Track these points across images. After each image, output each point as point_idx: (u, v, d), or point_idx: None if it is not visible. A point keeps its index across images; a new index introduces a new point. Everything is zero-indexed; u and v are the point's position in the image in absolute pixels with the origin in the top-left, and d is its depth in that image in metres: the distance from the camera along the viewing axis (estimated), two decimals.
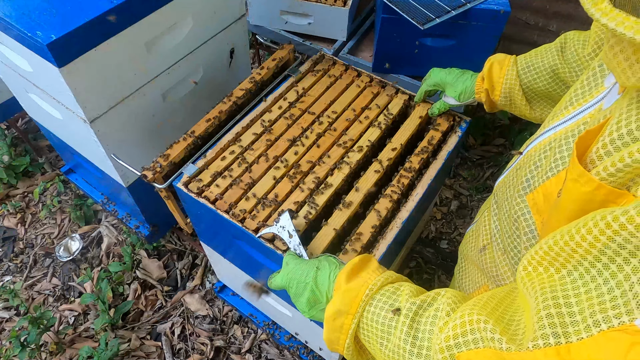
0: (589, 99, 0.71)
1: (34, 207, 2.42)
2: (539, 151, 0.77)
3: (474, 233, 1.08)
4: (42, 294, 2.12)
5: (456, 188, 2.43)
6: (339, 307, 0.73)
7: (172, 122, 1.64)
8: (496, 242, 0.92)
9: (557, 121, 0.77)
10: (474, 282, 1.02)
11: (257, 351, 1.92)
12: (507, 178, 0.89)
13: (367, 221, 1.09)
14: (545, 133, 0.79)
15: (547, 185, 0.70)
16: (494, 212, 0.95)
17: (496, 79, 1.09)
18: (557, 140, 0.72)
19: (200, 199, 1.13)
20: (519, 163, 0.85)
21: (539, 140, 0.80)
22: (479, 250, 0.99)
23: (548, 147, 0.75)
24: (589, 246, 0.47)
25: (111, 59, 1.27)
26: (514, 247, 0.83)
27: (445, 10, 1.49)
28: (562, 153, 0.69)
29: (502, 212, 0.89)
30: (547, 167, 0.71)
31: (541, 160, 0.75)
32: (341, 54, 1.91)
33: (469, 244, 1.08)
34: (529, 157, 0.81)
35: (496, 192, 0.96)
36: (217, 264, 1.64)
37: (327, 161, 1.20)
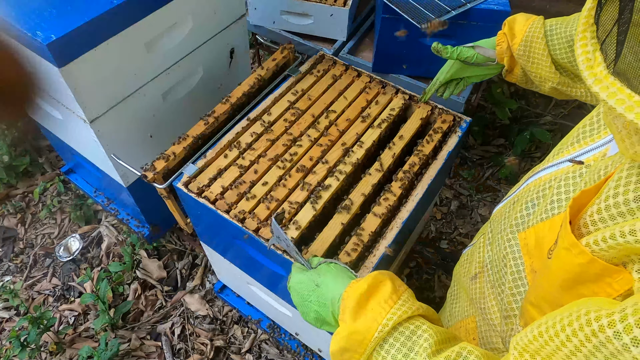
0: (596, 138, 0.66)
1: (34, 207, 2.42)
2: (537, 187, 0.73)
3: (468, 257, 1.03)
4: (42, 294, 2.12)
5: (456, 188, 2.43)
6: (345, 345, 0.67)
7: (172, 122, 1.64)
8: (487, 274, 0.88)
9: (561, 157, 0.72)
10: (463, 311, 0.98)
11: (257, 351, 1.91)
12: (504, 209, 0.84)
13: (368, 221, 1.09)
14: (547, 169, 0.74)
15: (540, 228, 0.66)
16: (488, 241, 0.90)
17: (519, 27, 1.03)
18: (557, 180, 0.67)
19: (200, 199, 1.13)
20: (517, 195, 0.81)
21: (539, 175, 0.75)
22: (470, 277, 0.95)
23: (547, 185, 0.71)
24: (574, 348, 0.44)
25: (111, 59, 1.27)
26: (501, 284, 0.78)
27: (445, 10, 1.49)
28: (559, 195, 0.65)
29: (495, 244, 0.83)
30: (543, 207, 0.67)
31: (539, 198, 0.71)
32: (341, 54, 1.91)
33: (462, 268, 1.03)
34: (527, 191, 0.76)
35: (492, 221, 0.91)
36: (217, 264, 1.64)
37: (328, 161, 1.20)
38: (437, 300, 2.02)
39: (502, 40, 1.07)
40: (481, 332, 0.88)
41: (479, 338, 0.89)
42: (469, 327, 0.93)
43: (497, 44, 1.08)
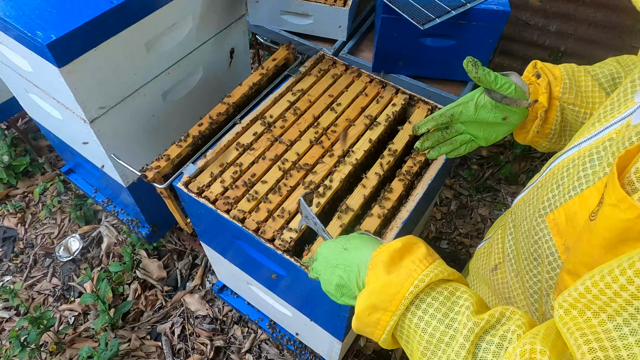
0: (617, 114, 0.65)
1: (34, 207, 2.42)
2: (561, 169, 0.71)
3: (485, 250, 1.01)
4: (42, 294, 2.12)
5: (456, 188, 2.43)
6: (375, 302, 0.64)
7: (172, 122, 1.64)
8: (509, 263, 0.86)
9: (582, 138, 0.70)
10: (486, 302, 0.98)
11: (257, 351, 1.91)
12: (527, 196, 0.82)
13: (367, 222, 1.09)
14: (569, 150, 0.72)
15: (570, 205, 0.64)
16: (510, 232, 0.88)
17: (550, 66, 0.89)
18: (581, 158, 0.66)
19: (200, 199, 1.13)
20: (541, 181, 0.78)
21: (562, 157, 0.73)
22: (490, 269, 0.93)
23: (571, 164, 0.69)
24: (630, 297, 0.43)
25: (111, 59, 1.27)
26: (531, 271, 0.77)
27: (445, 10, 1.49)
28: (585, 171, 0.63)
29: (520, 233, 0.81)
30: (570, 185, 0.66)
31: (563, 178, 0.69)
32: (341, 54, 1.91)
33: (480, 261, 1.02)
34: (551, 175, 0.74)
35: (514, 210, 0.88)
36: (217, 264, 1.64)
37: (328, 161, 1.20)
38: None
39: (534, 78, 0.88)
40: None
41: None
42: None
43: (530, 81, 0.89)
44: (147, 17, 1.29)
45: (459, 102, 0.90)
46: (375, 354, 1.89)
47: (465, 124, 0.92)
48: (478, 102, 0.88)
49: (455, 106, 0.90)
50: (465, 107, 0.89)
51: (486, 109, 0.88)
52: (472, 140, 0.95)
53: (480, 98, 0.88)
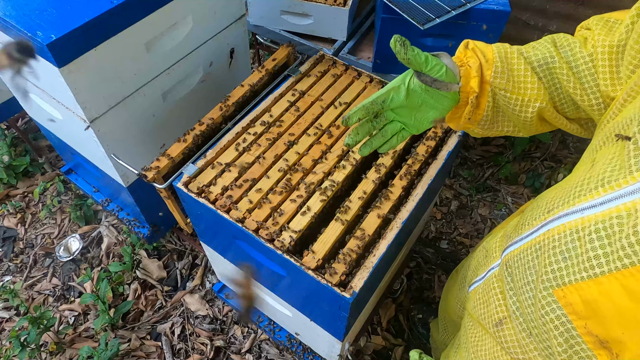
0: (623, 184, 0.59)
1: (34, 207, 2.42)
2: (564, 238, 0.66)
3: (481, 297, 0.96)
4: (42, 294, 2.12)
5: (456, 188, 2.43)
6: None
7: (172, 122, 1.64)
8: (517, 321, 0.81)
9: (584, 202, 0.65)
10: (492, 356, 0.91)
11: (257, 351, 1.92)
12: (524, 255, 0.77)
13: (367, 221, 1.09)
14: (571, 215, 0.67)
15: (584, 288, 0.61)
16: (509, 286, 0.83)
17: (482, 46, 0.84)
18: (587, 232, 0.62)
19: (200, 199, 1.13)
20: (538, 242, 0.73)
21: (562, 221, 0.68)
22: (494, 323, 0.88)
23: (576, 236, 0.64)
24: None
25: (111, 59, 1.27)
26: (543, 341, 0.73)
27: (445, 10, 1.49)
28: (595, 251, 0.59)
29: (522, 296, 0.77)
30: (580, 264, 0.62)
31: (570, 251, 0.64)
32: (341, 54, 1.91)
33: (478, 309, 0.96)
34: (551, 239, 0.69)
35: (509, 265, 0.83)
36: (217, 264, 1.64)
37: (328, 161, 1.21)
38: (437, 300, 2.02)
39: (468, 57, 0.83)
40: None
41: None
42: None
43: (461, 63, 0.83)
44: (147, 17, 1.29)
45: (389, 87, 0.84)
46: (375, 354, 1.90)
47: (395, 111, 0.86)
48: (409, 86, 0.82)
49: (386, 92, 0.83)
50: (396, 92, 0.83)
51: (416, 94, 0.82)
52: (403, 130, 0.89)
53: (411, 81, 0.82)
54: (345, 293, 0.98)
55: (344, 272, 1.01)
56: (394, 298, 2.03)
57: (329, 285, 0.99)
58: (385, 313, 1.99)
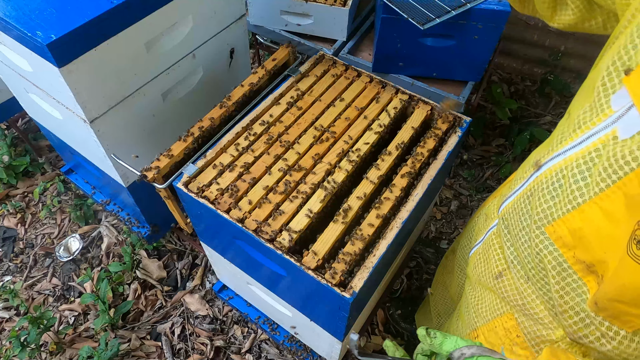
0: (596, 121, 0.66)
1: (34, 207, 2.42)
2: (550, 179, 0.74)
3: (481, 256, 1.03)
4: (42, 294, 2.12)
5: (456, 188, 2.43)
6: None
7: (172, 122, 1.64)
8: (515, 270, 0.88)
9: (565, 145, 0.72)
10: (493, 310, 0.98)
11: (257, 351, 1.92)
12: (517, 205, 0.85)
13: (367, 222, 1.09)
14: (554, 158, 0.75)
15: (570, 219, 0.68)
16: (506, 238, 0.90)
17: None
18: (569, 169, 0.69)
19: (200, 199, 1.13)
20: (529, 189, 0.81)
21: (547, 165, 0.76)
22: (494, 276, 0.95)
23: (560, 174, 0.72)
24: None
25: (111, 59, 1.27)
26: (541, 279, 0.80)
27: (445, 10, 1.49)
28: (577, 184, 0.67)
29: (519, 241, 0.84)
30: (565, 198, 0.69)
31: (556, 190, 0.72)
32: (341, 54, 1.91)
33: (478, 268, 1.03)
34: (540, 183, 0.77)
35: (505, 218, 0.91)
36: (217, 264, 1.64)
37: (328, 161, 1.20)
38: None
39: None
40: (525, 328, 0.89)
41: (524, 334, 0.89)
42: (507, 325, 0.93)
43: None
44: (147, 17, 1.29)
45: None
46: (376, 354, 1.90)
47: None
48: None
49: None
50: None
51: None
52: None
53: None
54: (345, 293, 0.98)
55: (344, 272, 1.01)
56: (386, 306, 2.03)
57: (329, 285, 0.99)
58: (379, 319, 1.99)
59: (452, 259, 1.43)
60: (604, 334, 0.70)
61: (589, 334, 0.73)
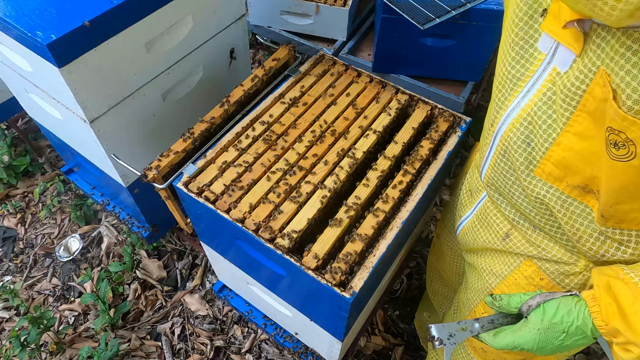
0: (534, 68, 0.74)
1: (34, 207, 2.42)
2: (518, 130, 0.80)
3: (477, 225, 1.07)
4: (42, 294, 2.12)
5: None
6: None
7: (172, 122, 1.64)
8: (520, 225, 0.93)
9: (514, 99, 0.79)
10: (508, 266, 1.02)
11: (257, 351, 1.92)
12: (496, 167, 0.91)
13: (368, 222, 1.09)
14: (512, 113, 0.81)
15: (552, 155, 0.74)
16: (499, 201, 0.95)
17: None
18: (532, 114, 0.76)
19: (200, 199, 1.13)
20: (500, 148, 0.87)
21: (508, 121, 0.82)
22: (501, 238, 0.99)
23: (525, 122, 0.78)
24: None
25: (111, 59, 1.27)
26: (547, 221, 0.85)
27: (445, 10, 1.49)
28: (546, 123, 0.73)
29: (514, 197, 0.89)
30: (540, 139, 0.75)
31: (528, 137, 0.78)
32: (341, 54, 1.91)
33: (480, 236, 1.06)
34: (508, 138, 0.83)
35: (490, 184, 0.96)
36: (217, 264, 1.64)
37: (328, 161, 1.20)
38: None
39: None
40: (547, 269, 0.93)
41: (547, 275, 0.94)
42: (527, 272, 0.97)
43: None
44: (147, 17, 1.29)
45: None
46: (375, 354, 1.90)
47: None
48: None
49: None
50: None
51: None
52: None
53: None
54: (345, 293, 0.98)
55: (344, 272, 1.01)
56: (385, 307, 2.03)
57: (329, 285, 0.99)
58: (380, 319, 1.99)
59: (438, 244, 1.46)
60: (620, 242, 0.76)
61: (608, 248, 0.78)
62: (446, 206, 1.37)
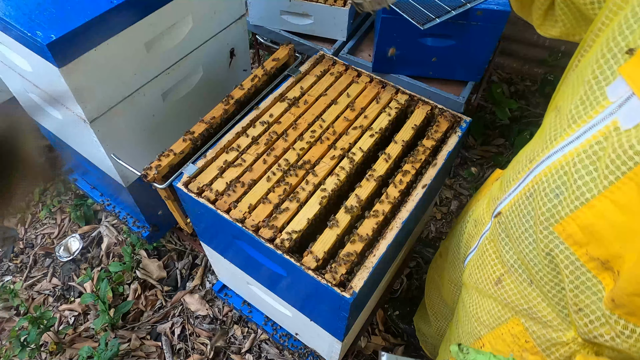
0: (593, 114, 0.65)
1: (34, 207, 2.42)
2: (552, 177, 0.72)
3: (476, 263, 1.01)
4: (42, 294, 2.12)
5: (456, 188, 2.43)
6: None
7: (172, 122, 1.64)
8: (517, 274, 0.86)
9: (561, 142, 0.70)
10: (496, 317, 0.96)
11: (257, 351, 1.92)
12: (516, 207, 0.83)
13: (368, 221, 1.09)
14: (552, 155, 0.72)
15: (579, 215, 0.66)
16: (504, 242, 0.89)
17: None
18: (571, 164, 0.67)
19: (200, 199, 1.13)
20: (527, 189, 0.79)
21: (546, 164, 0.74)
22: (493, 283, 0.93)
23: (562, 171, 0.69)
24: None
25: (111, 59, 1.27)
26: (551, 280, 0.78)
27: (445, 10, 1.49)
28: (583, 179, 0.64)
29: (522, 244, 0.82)
30: (572, 195, 0.66)
31: (559, 187, 0.70)
32: (341, 54, 1.91)
33: (474, 276, 1.01)
34: (539, 183, 0.75)
35: (501, 222, 0.89)
36: (217, 264, 1.64)
37: (328, 161, 1.21)
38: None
39: None
40: (533, 332, 0.87)
41: (533, 339, 0.88)
42: (514, 331, 0.91)
43: None
44: (147, 17, 1.29)
45: None
46: (375, 354, 1.90)
47: None
48: None
49: None
50: None
51: None
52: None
53: None
54: (345, 293, 0.98)
55: (344, 272, 1.01)
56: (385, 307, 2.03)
57: (329, 285, 0.99)
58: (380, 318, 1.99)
59: (440, 262, 1.40)
60: (619, 333, 0.68)
61: (604, 333, 0.71)
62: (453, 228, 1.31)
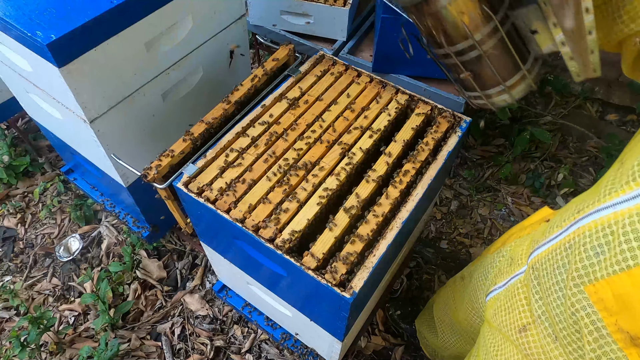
0: None
1: (34, 207, 2.42)
2: (597, 233, 0.66)
3: (504, 303, 0.96)
4: (42, 294, 2.12)
5: (456, 188, 2.43)
6: None
7: (172, 122, 1.64)
8: (542, 327, 0.81)
9: (616, 197, 0.64)
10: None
11: (257, 351, 1.92)
12: (552, 255, 0.78)
13: (367, 222, 1.09)
14: (603, 210, 0.67)
15: (616, 281, 0.61)
16: (535, 290, 0.84)
17: None
18: (620, 225, 0.61)
19: (200, 199, 1.13)
20: (568, 240, 0.73)
21: (592, 217, 0.68)
22: (517, 329, 0.88)
23: (608, 230, 0.64)
24: None
25: (111, 59, 1.27)
26: (573, 342, 0.73)
27: None
28: (629, 244, 0.59)
29: (550, 297, 0.77)
30: (613, 258, 0.61)
31: (602, 246, 0.64)
32: (341, 54, 1.91)
33: (499, 316, 0.96)
34: (582, 236, 0.69)
35: (535, 268, 0.84)
36: (217, 264, 1.64)
37: (328, 161, 1.20)
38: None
39: None
40: None
41: None
42: None
43: None
44: (147, 17, 1.29)
45: None
46: (375, 354, 1.90)
47: None
48: None
49: None
50: None
51: None
52: None
53: None
54: (345, 293, 0.98)
55: (344, 272, 1.01)
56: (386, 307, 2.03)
57: (329, 285, 0.99)
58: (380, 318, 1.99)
59: (461, 285, 1.35)
60: None
61: None
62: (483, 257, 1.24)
